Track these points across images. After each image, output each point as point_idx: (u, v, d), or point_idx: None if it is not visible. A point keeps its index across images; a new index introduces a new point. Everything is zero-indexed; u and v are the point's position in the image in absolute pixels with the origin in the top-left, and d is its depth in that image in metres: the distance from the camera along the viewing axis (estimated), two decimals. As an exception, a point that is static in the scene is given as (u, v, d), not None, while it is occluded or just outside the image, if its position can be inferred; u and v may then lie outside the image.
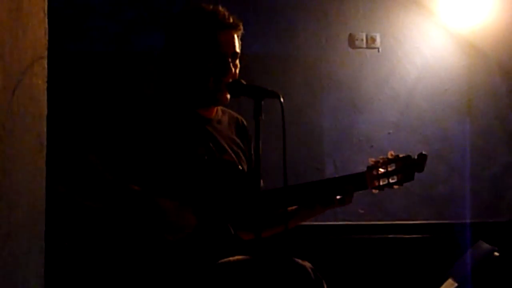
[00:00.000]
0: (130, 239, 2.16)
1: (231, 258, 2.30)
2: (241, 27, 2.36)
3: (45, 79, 1.54)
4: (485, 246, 3.09)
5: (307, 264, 2.18)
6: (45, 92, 1.54)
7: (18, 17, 1.43)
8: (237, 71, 2.34)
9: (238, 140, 2.47)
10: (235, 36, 2.34)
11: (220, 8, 2.34)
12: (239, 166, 2.36)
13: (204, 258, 2.23)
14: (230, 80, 2.27)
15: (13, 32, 1.41)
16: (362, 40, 4.01)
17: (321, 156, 3.95)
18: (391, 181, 2.37)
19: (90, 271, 2.14)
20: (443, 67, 4.06)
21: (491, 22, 3.92)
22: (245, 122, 2.55)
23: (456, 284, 3.01)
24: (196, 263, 2.21)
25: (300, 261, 2.19)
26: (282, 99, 2.01)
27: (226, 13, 2.33)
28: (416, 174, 2.40)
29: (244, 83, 2.22)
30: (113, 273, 2.13)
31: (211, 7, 2.34)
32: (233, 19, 2.33)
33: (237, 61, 2.35)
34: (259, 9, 3.90)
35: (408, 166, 2.36)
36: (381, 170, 2.37)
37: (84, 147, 2.19)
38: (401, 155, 2.37)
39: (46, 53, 1.53)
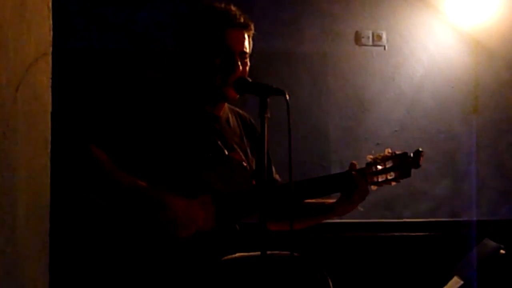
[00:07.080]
0: (138, 235, 2.16)
1: (236, 255, 2.31)
2: (252, 27, 2.35)
3: (50, 76, 1.53)
4: (491, 244, 3.09)
5: (312, 261, 2.18)
6: (49, 88, 1.54)
7: (22, 13, 1.43)
8: (247, 69, 2.34)
9: (245, 139, 2.47)
10: (246, 35, 2.34)
11: (232, 7, 2.35)
12: (244, 163, 2.36)
13: (210, 255, 2.23)
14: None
15: (17, 28, 1.41)
16: (368, 37, 4.00)
17: (327, 153, 3.95)
18: (388, 177, 2.38)
19: (97, 268, 2.15)
20: (449, 65, 4.05)
21: (497, 19, 3.91)
22: (253, 121, 2.55)
23: (461, 282, 3.01)
24: (201, 259, 2.21)
25: (305, 258, 2.18)
26: (287, 97, 2.01)
27: (238, 13, 2.33)
28: (422, 171, 2.41)
29: (250, 80, 2.22)
30: (120, 268, 2.14)
31: (223, 5, 2.35)
32: (244, 19, 2.33)
33: (247, 60, 2.35)
34: (264, 6, 3.89)
35: (404, 163, 2.37)
36: (379, 167, 2.39)
37: (87, 137, 2.18)
38: (398, 152, 2.38)
39: (50, 49, 1.53)
